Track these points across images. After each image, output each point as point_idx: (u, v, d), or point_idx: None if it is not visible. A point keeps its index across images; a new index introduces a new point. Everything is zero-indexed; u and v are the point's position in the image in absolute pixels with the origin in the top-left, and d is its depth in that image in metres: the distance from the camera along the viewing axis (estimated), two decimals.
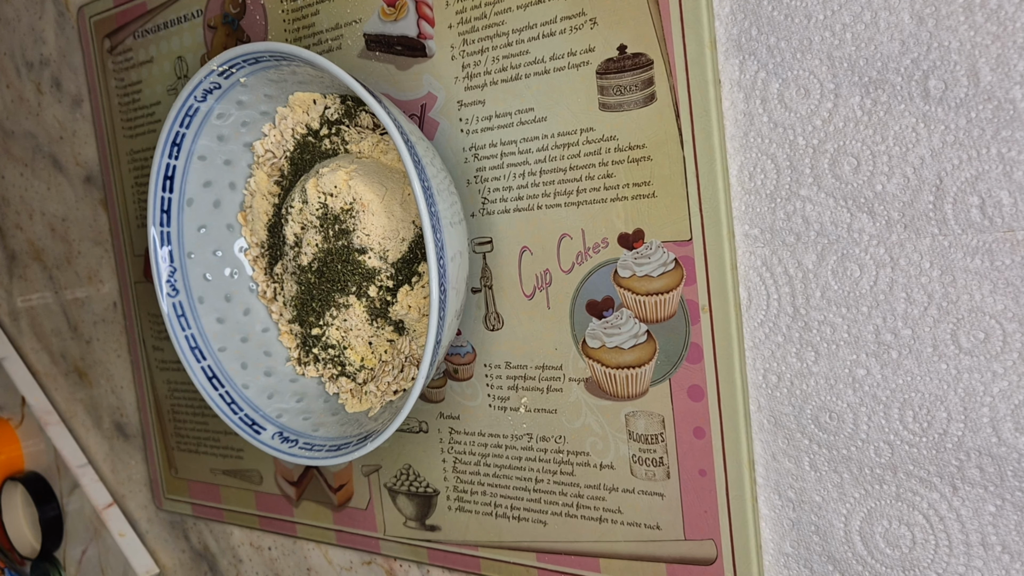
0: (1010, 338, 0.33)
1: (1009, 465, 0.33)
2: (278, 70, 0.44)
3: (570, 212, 0.41)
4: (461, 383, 0.47)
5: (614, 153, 0.39)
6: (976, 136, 0.32)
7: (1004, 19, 0.31)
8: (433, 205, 0.38)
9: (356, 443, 0.43)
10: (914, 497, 0.36)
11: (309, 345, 0.49)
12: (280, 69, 0.44)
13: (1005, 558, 0.34)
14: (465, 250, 0.41)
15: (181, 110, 0.46)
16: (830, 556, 0.38)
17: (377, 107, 0.38)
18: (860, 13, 0.33)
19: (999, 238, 0.32)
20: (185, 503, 0.65)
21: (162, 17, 0.56)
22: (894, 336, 0.35)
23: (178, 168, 0.48)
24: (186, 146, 0.48)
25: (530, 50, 0.41)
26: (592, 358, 0.41)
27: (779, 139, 0.36)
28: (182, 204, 0.49)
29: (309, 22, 0.49)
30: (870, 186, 0.34)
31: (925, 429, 0.35)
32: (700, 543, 0.40)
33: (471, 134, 0.44)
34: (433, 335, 0.38)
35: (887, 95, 0.33)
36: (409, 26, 0.45)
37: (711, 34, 0.37)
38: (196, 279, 0.50)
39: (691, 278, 0.38)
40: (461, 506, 0.48)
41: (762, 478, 0.39)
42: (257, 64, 0.43)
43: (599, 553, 0.43)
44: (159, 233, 0.49)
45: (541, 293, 0.43)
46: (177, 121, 0.47)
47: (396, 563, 0.53)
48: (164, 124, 0.47)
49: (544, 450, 0.44)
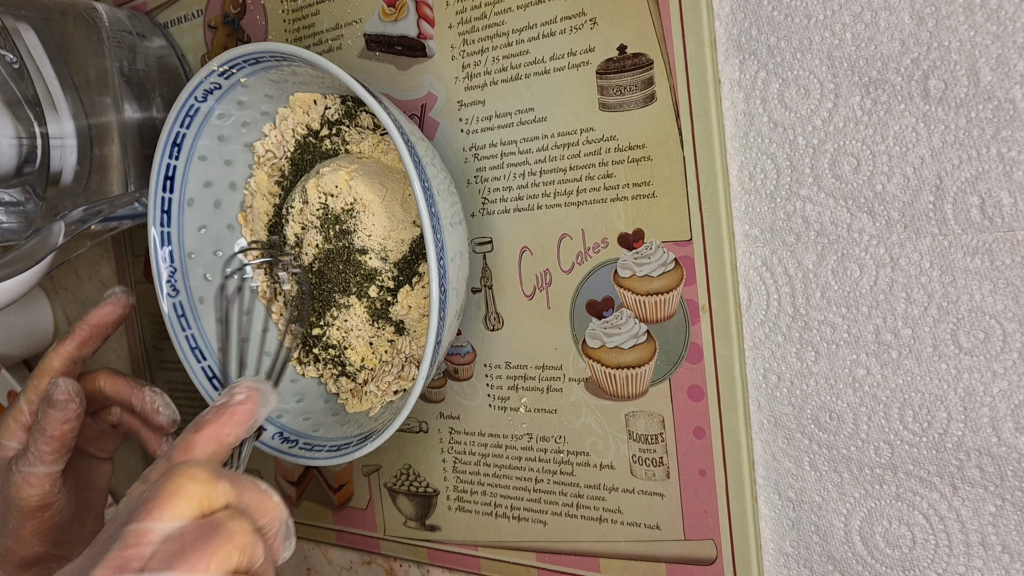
0: (1010, 338, 0.33)
1: (1009, 465, 0.33)
2: (278, 70, 0.44)
3: (570, 212, 0.41)
4: (461, 383, 0.47)
5: (614, 153, 0.39)
6: (976, 136, 0.32)
7: (1004, 19, 0.31)
8: (433, 206, 0.38)
9: (356, 443, 0.43)
10: (914, 497, 0.36)
11: (309, 345, 0.49)
12: (280, 69, 0.44)
13: (1005, 558, 0.34)
14: (465, 250, 0.41)
15: (182, 110, 0.46)
16: (830, 556, 0.38)
17: (377, 107, 0.38)
18: (860, 13, 0.33)
19: (999, 238, 0.32)
20: None
21: (162, 17, 0.56)
22: (894, 336, 0.35)
23: (178, 168, 0.48)
24: (186, 146, 0.48)
25: (530, 50, 0.41)
26: (592, 358, 0.41)
27: (779, 139, 0.36)
28: (183, 204, 0.49)
29: (309, 22, 0.49)
30: (870, 186, 0.34)
31: (925, 429, 0.35)
32: (700, 543, 0.40)
33: (471, 134, 0.44)
34: (433, 335, 0.38)
35: (887, 95, 0.33)
36: (409, 26, 0.45)
37: (711, 34, 0.37)
38: (196, 279, 0.50)
39: (691, 278, 0.38)
40: (461, 506, 0.48)
41: (762, 478, 0.39)
42: (258, 64, 0.44)
43: (599, 553, 0.43)
44: (159, 233, 0.49)
45: (541, 293, 0.43)
46: (178, 121, 0.47)
47: (396, 563, 0.53)
48: (165, 124, 0.47)
49: (544, 450, 0.44)
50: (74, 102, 0.46)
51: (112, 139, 0.48)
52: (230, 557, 0.30)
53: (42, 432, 0.45)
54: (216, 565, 0.29)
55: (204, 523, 0.30)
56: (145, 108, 0.51)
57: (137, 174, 0.50)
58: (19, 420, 0.48)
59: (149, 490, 0.31)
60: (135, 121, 0.50)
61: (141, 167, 0.50)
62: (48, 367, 0.48)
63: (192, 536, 0.30)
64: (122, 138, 0.49)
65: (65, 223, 0.46)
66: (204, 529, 0.30)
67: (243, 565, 0.31)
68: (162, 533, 0.30)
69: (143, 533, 0.30)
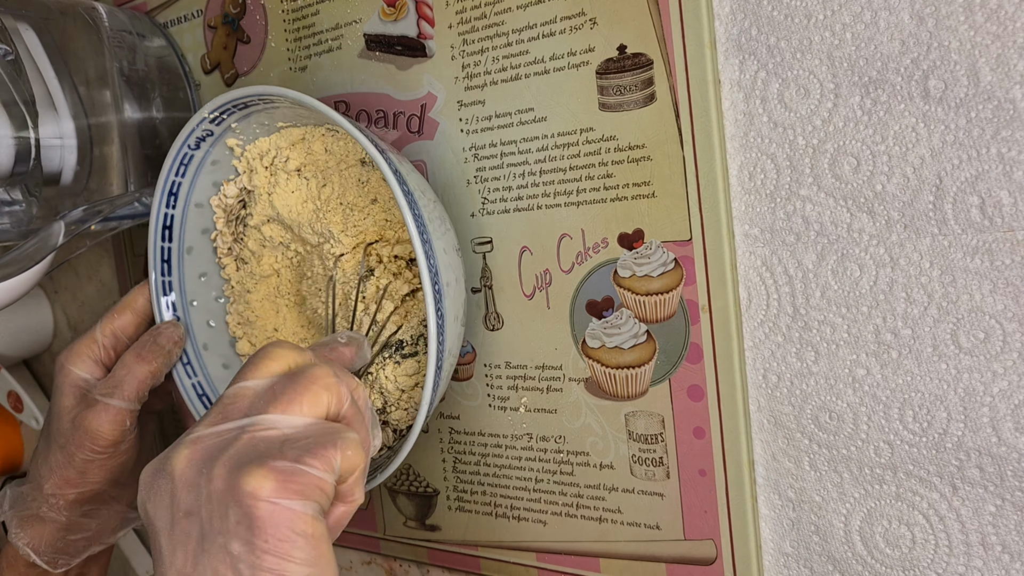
0: (1010, 338, 0.33)
1: (1009, 465, 0.33)
2: (268, 113, 0.44)
3: (570, 212, 0.41)
4: (461, 383, 0.47)
5: (614, 153, 0.39)
6: (976, 136, 0.32)
7: (1004, 19, 0.31)
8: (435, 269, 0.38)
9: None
10: (914, 497, 0.36)
11: None
12: (271, 112, 0.44)
13: (1005, 558, 0.34)
14: (461, 314, 0.41)
15: (176, 159, 0.46)
16: (830, 556, 0.38)
17: (381, 161, 0.37)
18: (860, 13, 0.33)
19: (999, 238, 0.32)
20: None
21: (162, 17, 0.56)
22: (894, 336, 0.35)
23: (176, 217, 0.48)
24: (183, 195, 0.48)
25: (530, 50, 0.41)
26: (592, 358, 0.41)
27: (779, 139, 0.36)
28: (182, 253, 0.49)
29: (309, 22, 0.49)
30: (870, 186, 0.34)
31: (925, 429, 0.35)
32: (700, 543, 0.40)
33: (471, 134, 0.44)
34: (428, 403, 0.39)
35: (887, 95, 0.33)
36: (409, 26, 0.45)
37: (711, 34, 0.37)
38: (200, 327, 0.50)
39: (691, 278, 0.38)
40: (461, 506, 0.48)
41: (762, 478, 0.39)
42: (247, 109, 0.44)
43: (599, 553, 0.43)
44: (161, 283, 0.49)
45: (541, 293, 0.43)
46: (172, 170, 0.47)
47: (396, 563, 0.53)
48: (160, 174, 0.47)
49: (544, 450, 0.44)
50: (74, 102, 0.46)
51: (112, 139, 0.48)
52: (319, 397, 0.33)
53: (131, 368, 0.45)
54: (308, 403, 0.32)
55: (291, 372, 0.34)
56: (145, 108, 0.51)
57: (137, 174, 0.50)
58: (92, 351, 0.47)
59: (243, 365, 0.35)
60: (135, 121, 0.50)
61: (141, 167, 0.50)
62: (132, 302, 0.48)
63: (282, 384, 0.33)
64: (122, 138, 0.49)
65: (65, 223, 0.46)
66: (292, 375, 0.33)
67: (332, 407, 0.33)
68: (255, 390, 0.33)
69: (239, 391, 0.33)
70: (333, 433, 0.32)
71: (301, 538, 0.29)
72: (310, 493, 0.30)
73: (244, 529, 0.29)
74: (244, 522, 0.29)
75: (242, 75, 0.53)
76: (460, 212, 0.45)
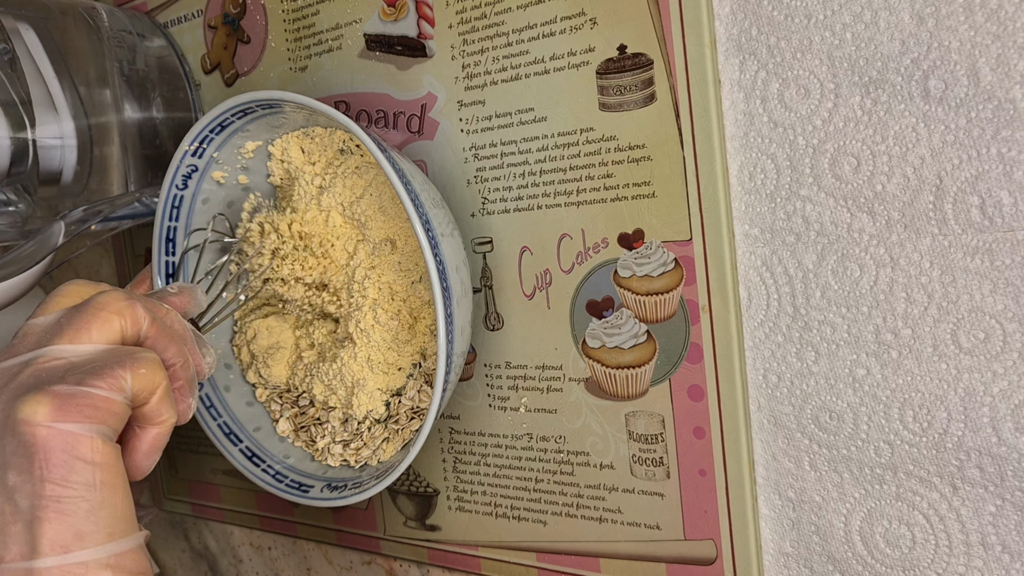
0: (1010, 338, 0.33)
1: (1009, 465, 0.33)
2: (243, 131, 0.44)
3: (570, 212, 0.41)
4: (461, 383, 0.47)
5: (614, 153, 0.39)
6: (976, 136, 0.32)
7: (1004, 19, 0.31)
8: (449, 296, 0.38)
9: (375, 481, 0.43)
10: (914, 497, 0.36)
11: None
12: (247, 130, 0.44)
13: (1005, 558, 0.34)
14: (467, 325, 0.41)
15: (167, 202, 0.46)
16: (830, 556, 0.38)
17: (391, 172, 0.37)
18: (860, 13, 0.33)
19: (999, 238, 0.32)
20: (185, 503, 0.65)
21: (162, 17, 0.56)
22: (894, 336, 0.35)
23: (176, 264, 0.48)
24: (179, 241, 0.47)
25: (530, 50, 0.41)
26: (592, 358, 0.41)
27: (779, 139, 0.36)
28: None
29: (309, 22, 0.49)
30: (870, 186, 0.34)
31: (925, 429, 0.35)
32: (700, 543, 0.40)
33: (471, 134, 0.44)
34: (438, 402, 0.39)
35: (887, 95, 0.33)
36: (409, 26, 0.45)
37: (711, 34, 0.37)
38: (219, 371, 0.50)
39: (691, 278, 0.38)
40: (461, 506, 0.48)
41: (762, 478, 0.39)
42: (224, 130, 0.44)
43: (599, 553, 0.43)
44: None
45: (541, 293, 0.43)
46: (166, 215, 0.47)
47: (396, 563, 0.53)
48: (155, 220, 0.46)
49: (544, 450, 0.44)
50: (74, 102, 0.46)
51: (112, 139, 0.48)
52: (109, 322, 0.32)
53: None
54: (98, 330, 0.31)
55: (80, 303, 0.33)
56: (145, 108, 0.51)
57: (137, 174, 0.50)
58: None
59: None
60: (135, 121, 0.50)
61: (141, 167, 0.50)
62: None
63: (69, 315, 0.32)
64: (122, 138, 0.49)
65: (65, 223, 0.46)
66: (79, 305, 0.32)
67: (128, 331, 0.32)
68: (43, 325, 0.32)
69: (27, 328, 0.32)
70: (123, 354, 0.30)
71: (81, 462, 0.28)
72: (92, 415, 0.28)
73: (20, 458, 0.28)
74: (19, 451, 0.28)
75: (242, 75, 0.53)
76: (460, 212, 0.45)
